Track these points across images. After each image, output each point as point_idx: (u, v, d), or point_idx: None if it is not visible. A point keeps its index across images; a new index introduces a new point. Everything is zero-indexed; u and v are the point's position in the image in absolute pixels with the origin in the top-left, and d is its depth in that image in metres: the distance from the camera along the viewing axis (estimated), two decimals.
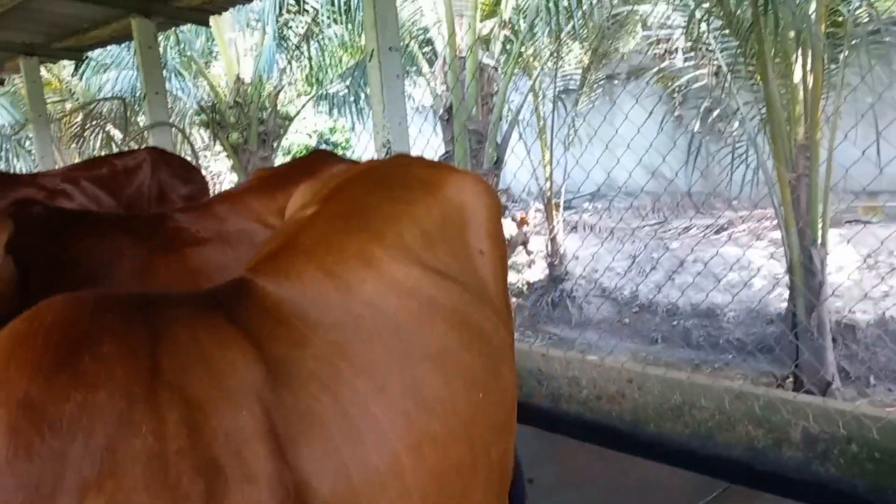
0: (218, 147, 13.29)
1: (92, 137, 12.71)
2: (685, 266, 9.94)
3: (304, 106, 12.16)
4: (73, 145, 12.64)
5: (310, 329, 1.46)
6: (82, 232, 2.30)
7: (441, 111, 8.49)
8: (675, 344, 10.41)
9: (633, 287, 11.07)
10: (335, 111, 11.40)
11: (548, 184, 10.93)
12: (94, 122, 11.76)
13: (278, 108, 10.91)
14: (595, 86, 11.07)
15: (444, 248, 1.85)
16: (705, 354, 9.64)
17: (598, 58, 10.09)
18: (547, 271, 11.71)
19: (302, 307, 1.49)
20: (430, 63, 9.04)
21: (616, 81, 12.61)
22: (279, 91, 10.87)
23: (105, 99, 10.80)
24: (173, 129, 7.40)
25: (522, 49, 9.15)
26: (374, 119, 4.84)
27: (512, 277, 11.49)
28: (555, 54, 9.64)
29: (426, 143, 7.30)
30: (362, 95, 10.86)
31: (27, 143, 13.18)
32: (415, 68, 9.62)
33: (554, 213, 11.24)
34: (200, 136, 14.38)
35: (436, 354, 1.62)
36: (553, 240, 11.39)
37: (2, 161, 13.28)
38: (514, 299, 10.18)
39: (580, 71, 10.79)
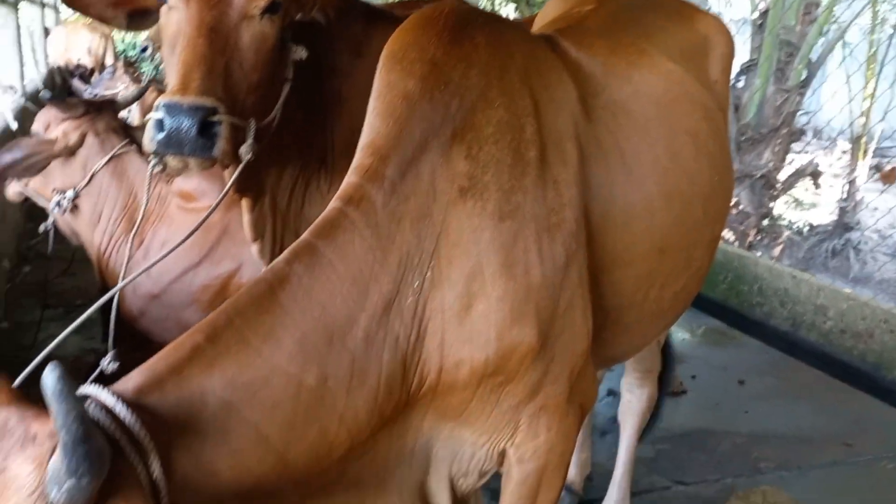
0: None
1: None
2: None
3: None
4: None
5: (600, 86, 1.80)
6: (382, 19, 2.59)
7: (755, 15, 7.90)
8: None
9: None
10: None
11: (862, 119, 9.82)
12: None
13: None
14: None
15: (693, 65, 2.12)
16: None
17: None
18: (835, 216, 10.69)
19: (593, 68, 1.83)
20: None
21: None
22: None
23: None
24: None
25: None
26: None
27: (789, 212, 10.70)
28: None
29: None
30: None
31: None
32: None
33: (860, 154, 10.14)
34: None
35: (691, 132, 1.95)
36: (852, 183, 10.32)
37: None
38: (787, 234, 9.49)
39: None
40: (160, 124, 1.68)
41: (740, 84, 7.76)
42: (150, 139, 1.71)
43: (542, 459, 1.57)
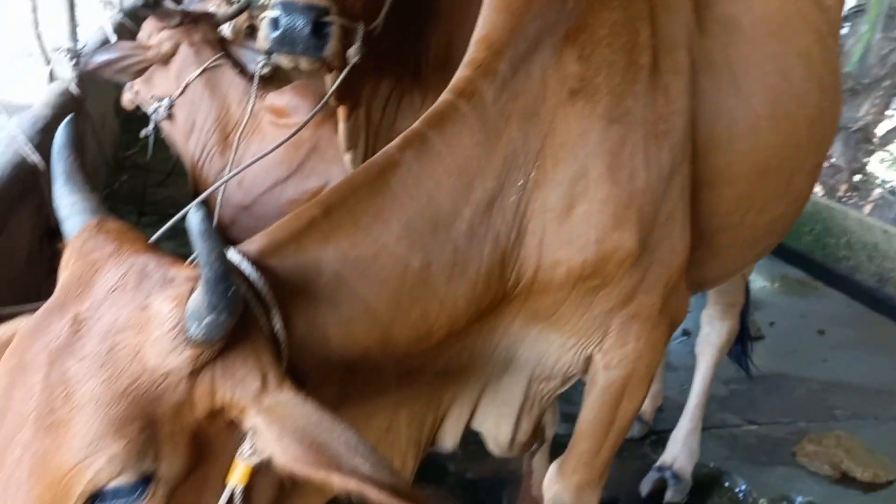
0: None
1: None
2: None
3: None
4: None
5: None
6: None
7: None
8: None
9: None
10: None
11: None
12: None
13: None
14: None
15: None
16: None
17: None
18: None
19: None
20: None
21: None
22: None
23: None
24: None
25: None
26: None
27: (884, 170, 10.24)
28: None
29: None
30: None
31: None
32: None
33: None
34: None
35: (802, 54, 1.90)
36: None
37: None
38: (879, 192, 9.10)
39: None
40: (275, 23, 1.73)
41: (844, 31, 7.37)
42: (264, 37, 1.76)
43: (628, 367, 1.60)
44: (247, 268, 1.09)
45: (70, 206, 1.09)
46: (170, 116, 3.23)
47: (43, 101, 3.26)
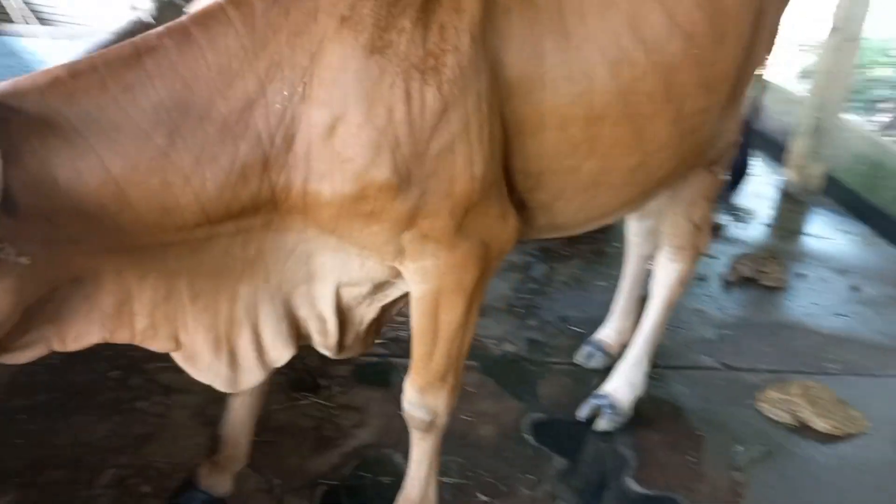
0: None
1: None
2: None
3: None
4: None
5: None
6: None
7: None
8: None
9: None
10: None
11: None
12: None
13: None
14: None
15: None
16: None
17: None
18: None
19: None
20: None
21: None
22: None
23: None
24: None
25: None
26: None
27: None
28: None
29: None
30: None
31: None
32: None
33: None
34: None
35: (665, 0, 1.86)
36: None
37: None
38: None
39: None
40: None
41: None
42: None
43: (433, 283, 1.74)
44: None
45: None
46: None
47: (110, 29, 3.71)
